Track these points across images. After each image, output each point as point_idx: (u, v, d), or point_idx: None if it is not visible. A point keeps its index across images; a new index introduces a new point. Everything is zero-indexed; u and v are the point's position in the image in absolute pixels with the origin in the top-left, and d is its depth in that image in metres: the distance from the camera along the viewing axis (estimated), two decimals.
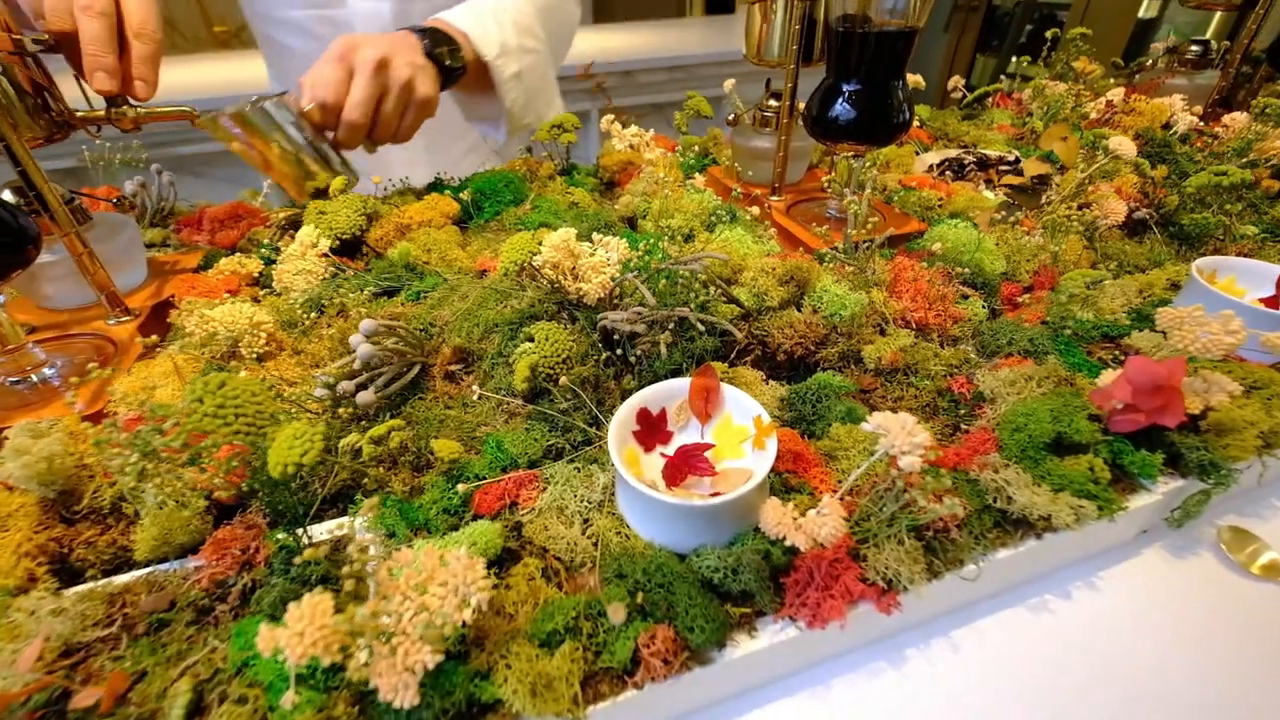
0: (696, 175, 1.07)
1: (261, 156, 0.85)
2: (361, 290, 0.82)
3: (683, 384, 0.59)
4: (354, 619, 0.37)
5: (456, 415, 0.67)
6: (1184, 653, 0.53)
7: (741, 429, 0.57)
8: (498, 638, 0.45)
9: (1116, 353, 0.71)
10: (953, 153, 1.18)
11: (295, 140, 0.87)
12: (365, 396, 0.62)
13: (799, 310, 0.75)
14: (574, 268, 0.73)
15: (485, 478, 0.57)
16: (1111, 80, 1.42)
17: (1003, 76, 1.50)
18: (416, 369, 0.70)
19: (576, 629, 0.44)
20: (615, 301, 0.72)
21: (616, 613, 0.39)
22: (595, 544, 0.52)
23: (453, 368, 0.71)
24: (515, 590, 0.48)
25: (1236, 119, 0.95)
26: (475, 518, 0.55)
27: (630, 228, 1.02)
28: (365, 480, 0.55)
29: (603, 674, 0.45)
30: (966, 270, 0.77)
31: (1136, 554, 0.61)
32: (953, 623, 0.56)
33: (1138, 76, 1.44)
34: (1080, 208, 0.82)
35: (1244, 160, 0.95)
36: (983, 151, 1.15)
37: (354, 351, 0.64)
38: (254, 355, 0.71)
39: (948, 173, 1.10)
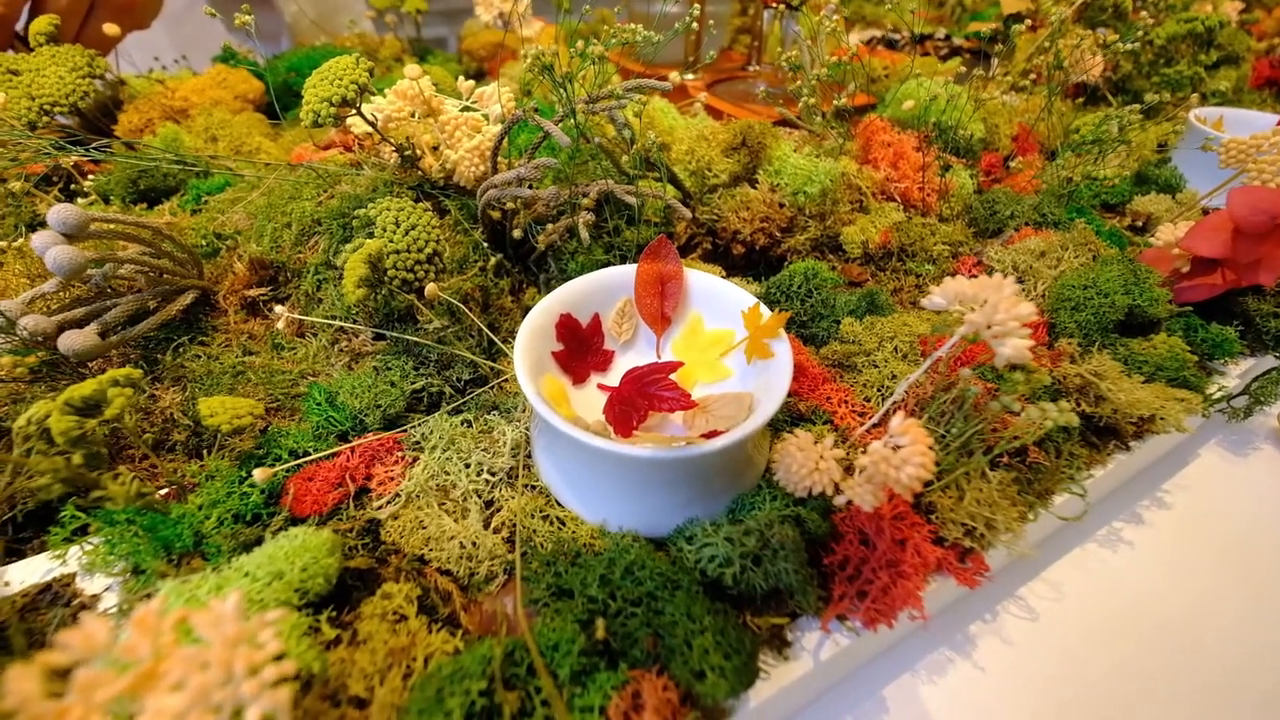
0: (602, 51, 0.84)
1: None
2: (96, 193, 0.52)
3: (624, 274, 0.38)
4: None
5: (264, 363, 0.42)
6: (1272, 559, 0.42)
7: (719, 334, 0.37)
8: None
9: (1129, 219, 0.59)
10: (878, 33, 1.04)
11: None
12: (75, 339, 0.35)
13: (754, 188, 0.56)
14: (438, 143, 0.49)
15: (307, 453, 0.34)
16: None
17: None
18: (188, 298, 0.43)
19: (491, 711, 0.23)
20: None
21: None
22: (509, 540, 0.31)
23: (254, 293, 0.46)
24: (369, 649, 0.26)
25: None
26: (293, 522, 0.32)
27: None
28: (37, 479, 0.29)
29: None
30: (953, 133, 0.61)
31: (1194, 456, 0.49)
32: (1018, 576, 0.41)
33: None
34: (1057, 68, 0.69)
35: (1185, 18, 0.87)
36: (914, 31, 1.01)
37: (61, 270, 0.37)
38: None
39: (880, 47, 0.95)
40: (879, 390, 0.38)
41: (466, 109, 0.49)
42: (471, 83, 0.50)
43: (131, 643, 0.19)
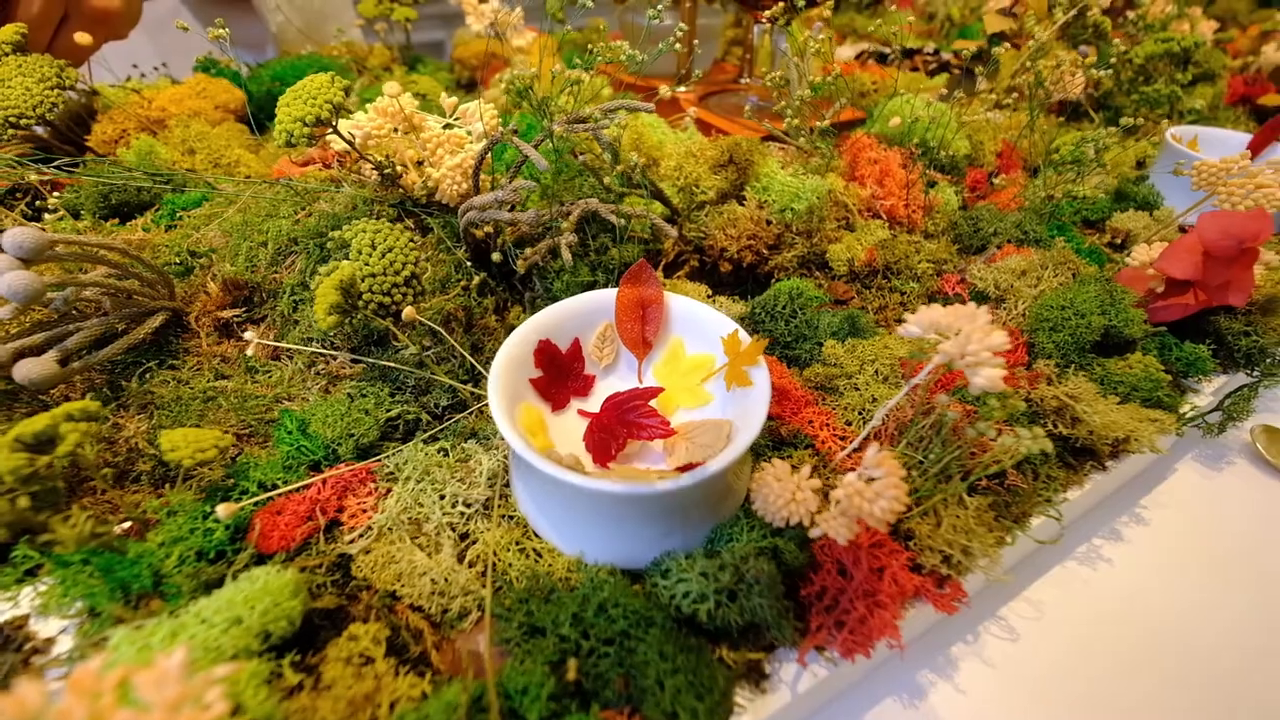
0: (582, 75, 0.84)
1: None
2: (64, 208, 0.51)
3: (604, 298, 0.38)
4: None
5: (237, 387, 0.41)
6: (1248, 573, 0.42)
7: (701, 360, 0.37)
8: None
9: (1109, 236, 0.59)
10: (868, 46, 1.04)
11: None
12: (32, 368, 0.34)
13: (741, 205, 0.56)
14: (421, 159, 0.48)
15: (276, 486, 0.33)
16: None
17: None
18: (158, 320, 0.42)
19: None
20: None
21: None
22: (483, 575, 0.30)
23: (227, 314, 0.45)
24: (331, 696, 0.25)
25: None
26: (259, 560, 0.31)
27: None
28: None
29: None
30: (938, 151, 0.61)
31: (1171, 471, 0.49)
32: (999, 596, 0.40)
33: None
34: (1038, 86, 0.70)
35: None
36: (903, 45, 1.01)
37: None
38: None
39: (870, 61, 0.95)
40: (860, 414, 0.38)
41: (449, 126, 0.49)
42: (454, 99, 0.50)
43: (66, 707, 0.18)
